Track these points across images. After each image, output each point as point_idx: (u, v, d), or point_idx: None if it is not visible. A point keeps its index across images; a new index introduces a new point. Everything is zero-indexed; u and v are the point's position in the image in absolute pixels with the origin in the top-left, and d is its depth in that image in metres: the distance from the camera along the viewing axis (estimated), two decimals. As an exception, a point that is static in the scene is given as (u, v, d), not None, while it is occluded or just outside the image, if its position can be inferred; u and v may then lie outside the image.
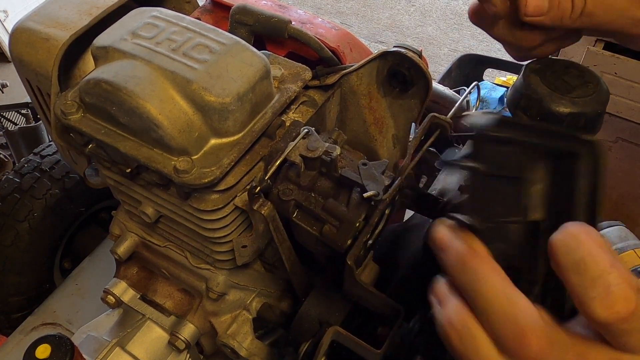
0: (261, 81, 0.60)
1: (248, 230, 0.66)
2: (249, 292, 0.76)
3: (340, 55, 0.77)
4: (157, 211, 0.67)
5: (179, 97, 0.57)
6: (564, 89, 0.61)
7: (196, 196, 0.60)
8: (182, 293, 0.78)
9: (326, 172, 0.59)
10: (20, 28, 0.72)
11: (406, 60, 0.68)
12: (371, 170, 0.57)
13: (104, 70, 0.58)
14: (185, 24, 0.61)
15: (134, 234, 0.76)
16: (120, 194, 0.71)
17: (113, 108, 0.57)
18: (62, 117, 0.61)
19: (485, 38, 3.62)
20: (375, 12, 3.76)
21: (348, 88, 0.74)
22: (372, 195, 0.54)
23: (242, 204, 0.61)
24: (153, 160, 0.57)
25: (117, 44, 0.59)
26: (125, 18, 0.63)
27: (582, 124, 0.63)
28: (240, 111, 0.58)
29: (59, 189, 1.25)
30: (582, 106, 0.61)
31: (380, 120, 0.76)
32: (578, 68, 0.64)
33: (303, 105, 0.69)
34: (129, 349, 0.76)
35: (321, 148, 0.57)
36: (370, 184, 0.55)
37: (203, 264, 0.72)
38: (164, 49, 0.58)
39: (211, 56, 0.58)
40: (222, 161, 0.57)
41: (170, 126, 0.56)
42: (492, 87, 2.04)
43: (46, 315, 1.24)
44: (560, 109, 0.61)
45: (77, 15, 0.71)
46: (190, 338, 0.74)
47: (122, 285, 0.78)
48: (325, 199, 0.58)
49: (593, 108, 0.62)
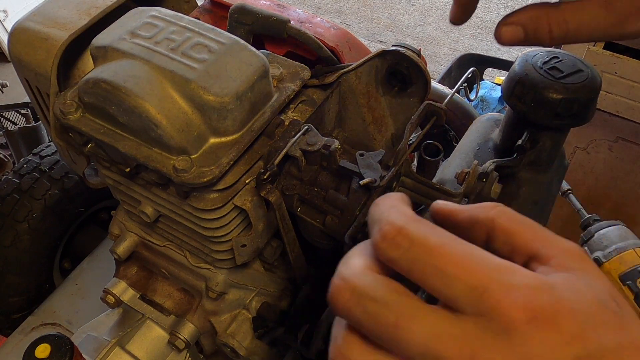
0: (260, 80, 0.60)
1: (247, 230, 0.66)
2: (249, 291, 0.76)
3: (339, 54, 0.77)
4: (156, 211, 0.67)
5: (178, 97, 0.57)
6: (557, 77, 0.62)
7: (195, 195, 0.60)
8: (181, 292, 0.78)
9: (327, 165, 0.60)
10: (19, 28, 0.72)
11: (405, 59, 0.68)
12: (368, 160, 0.58)
13: (103, 70, 0.58)
14: (184, 23, 0.61)
15: (133, 233, 0.76)
16: (120, 193, 0.71)
17: (112, 107, 0.57)
18: (62, 116, 0.61)
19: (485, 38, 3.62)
20: (375, 11, 3.77)
21: (347, 87, 0.74)
22: (369, 182, 0.55)
23: (241, 203, 0.61)
24: (152, 160, 0.57)
25: (116, 43, 0.59)
26: (124, 18, 0.63)
27: (575, 109, 0.64)
28: (239, 110, 0.58)
29: (58, 189, 1.25)
30: (575, 92, 0.63)
31: (379, 119, 0.76)
32: (570, 57, 0.65)
33: (302, 104, 0.69)
34: (129, 348, 0.76)
35: (320, 142, 0.58)
36: (368, 172, 0.57)
37: (202, 264, 0.72)
38: (162, 49, 0.58)
39: (210, 55, 0.58)
40: (221, 160, 0.57)
41: (169, 125, 0.56)
42: (492, 87, 2.04)
43: (46, 315, 1.24)
44: (554, 95, 0.62)
45: (76, 15, 0.71)
46: (190, 337, 0.74)
47: (122, 285, 0.78)
48: (326, 192, 0.59)
49: (585, 94, 0.64)
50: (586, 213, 1.24)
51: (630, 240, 1.15)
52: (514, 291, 0.30)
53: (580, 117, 0.66)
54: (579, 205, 1.28)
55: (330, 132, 0.76)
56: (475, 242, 0.35)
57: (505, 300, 0.30)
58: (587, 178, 1.80)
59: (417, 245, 0.32)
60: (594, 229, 1.20)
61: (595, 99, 0.65)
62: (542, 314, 0.30)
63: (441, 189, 0.58)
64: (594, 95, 0.64)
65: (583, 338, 0.30)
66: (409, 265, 0.33)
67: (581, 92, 0.63)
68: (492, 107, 2.26)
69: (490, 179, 0.60)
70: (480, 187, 0.60)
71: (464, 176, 0.60)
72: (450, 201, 0.41)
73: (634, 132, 1.63)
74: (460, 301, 0.31)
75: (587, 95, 0.64)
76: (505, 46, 0.54)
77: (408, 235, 0.33)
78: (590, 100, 0.65)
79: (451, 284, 0.31)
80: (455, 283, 0.31)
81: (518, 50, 3.61)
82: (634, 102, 1.54)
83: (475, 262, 0.32)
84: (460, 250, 0.32)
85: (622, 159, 1.71)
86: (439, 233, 0.33)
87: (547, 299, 0.30)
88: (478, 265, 0.31)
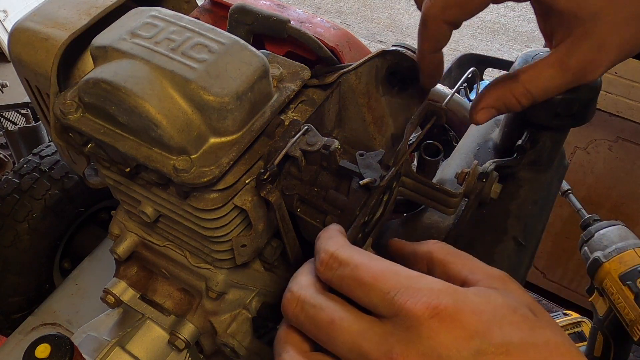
0: (260, 80, 0.60)
1: (247, 230, 0.66)
2: (249, 291, 0.76)
3: (339, 54, 0.77)
4: (156, 211, 0.67)
5: (178, 97, 0.57)
6: None
7: (195, 195, 0.60)
8: (181, 292, 0.78)
9: (327, 165, 0.60)
10: (19, 28, 0.72)
11: (405, 59, 0.68)
12: (368, 160, 0.58)
13: (103, 70, 0.58)
14: (184, 23, 0.61)
15: (133, 233, 0.76)
16: (120, 193, 0.71)
17: (112, 107, 0.57)
18: (61, 116, 0.61)
19: (485, 38, 3.62)
20: (375, 11, 3.77)
21: (347, 87, 0.74)
22: (369, 182, 0.55)
23: (241, 203, 0.61)
24: (152, 160, 0.57)
25: (116, 43, 0.59)
26: (124, 18, 0.63)
27: (575, 109, 0.64)
28: (239, 110, 0.58)
29: (58, 189, 1.25)
30: (575, 92, 0.63)
31: (379, 119, 0.76)
32: None
33: (302, 104, 0.69)
34: (129, 348, 0.76)
35: (320, 142, 0.58)
36: (368, 172, 0.57)
37: (202, 264, 0.72)
38: (162, 49, 0.58)
39: (210, 55, 0.58)
40: (221, 160, 0.57)
41: (169, 125, 0.56)
42: (492, 87, 2.04)
43: (46, 315, 1.24)
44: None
45: (76, 15, 0.71)
46: (190, 337, 0.74)
47: (122, 285, 0.78)
48: (326, 192, 0.59)
49: (585, 94, 0.64)
50: (586, 213, 1.24)
51: (630, 240, 1.15)
52: (418, 292, 0.35)
53: (580, 117, 0.66)
54: (579, 205, 1.28)
55: (330, 132, 0.77)
56: (420, 271, 0.40)
57: (411, 301, 0.35)
58: (587, 178, 1.80)
59: (343, 265, 0.39)
60: (594, 229, 1.20)
61: (595, 99, 0.65)
62: (444, 311, 0.34)
63: (441, 189, 0.58)
64: (594, 95, 0.65)
65: (486, 334, 0.34)
66: (339, 281, 0.39)
67: (581, 92, 0.63)
68: (492, 107, 2.26)
69: (490, 179, 0.60)
70: (480, 187, 0.60)
71: (464, 176, 0.60)
72: (450, 201, 0.44)
73: (634, 132, 1.63)
74: (378, 306, 0.37)
75: (587, 95, 0.64)
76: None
77: (337, 258, 0.39)
78: (590, 100, 0.65)
79: (369, 293, 0.37)
80: (373, 292, 0.37)
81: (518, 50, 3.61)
82: (634, 102, 1.54)
83: (389, 273, 0.37)
84: (377, 265, 0.38)
85: (622, 159, 1.71)
86: (362, 254, 0.40)
87: (448, 299, 0.35)
88: (391, 276, 0.37)
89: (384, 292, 0.36)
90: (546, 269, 2.04)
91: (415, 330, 0.34)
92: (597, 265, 1.14)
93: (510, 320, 0.34)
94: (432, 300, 0.34)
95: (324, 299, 0.39)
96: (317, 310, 0.38)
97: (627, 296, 1.09)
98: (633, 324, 1.08)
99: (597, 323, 1.22)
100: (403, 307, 0.35)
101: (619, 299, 1.10)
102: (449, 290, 0.36)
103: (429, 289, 0.35)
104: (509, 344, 0.33)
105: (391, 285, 0.36)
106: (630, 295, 1.09)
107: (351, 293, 0.38)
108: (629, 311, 1.08)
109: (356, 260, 0.39)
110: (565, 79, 0.54)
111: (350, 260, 0.39)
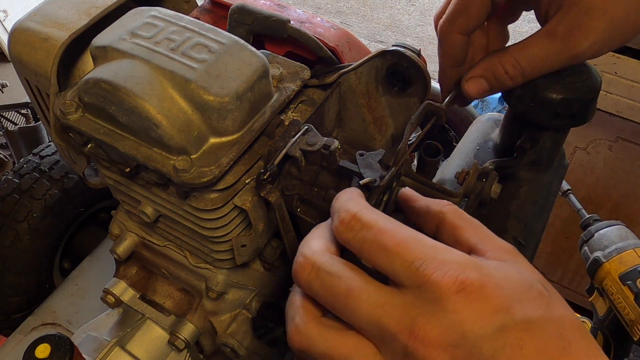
0: (260, 80, 0.60)
1: (247, 230, 0.66)
2: (249, 291, 0.76)
3: (339, 54, 0.77)
4: (156, 211, 0.67)
5: (178, 97, 0.57)
6: (556, 76, 0.61)
7: (195, 195, 0.60)
8: (181, 292, 0.78)
9: (327, 165, 0.60)
10: (19, 28, 0.72)
11: (405, 59, 0.68)
12: (368, 160, 0.58)
13: (102, 70, 0.58)
14: (184, 23, 0.61)
15: (133, 233, 0.76)
16: (120, 193, 0.71)
17: (112, 107, 0.57)
18: (61, 116, 0.61)
19: (485, 38, 3.61)
20: (375, 11, 3.77)
21: (347, 87, 0.74)
22: (369, 182, 0.55)
23: (241, 203, 0.61)
24: (152, 160, 0.57)
25: (116, 43, 0.59)
26: (124, 18, 0.63)
27: (575, 109, 0.64)
28: (239, 110, 0.58)
29: (58, 189, 1.25)
30: (575, 92, 0.62)
31: (379, 119, 0.76)
32: None
33: (302, 104, 0.69)
34: (129, 348, 0.76)
35: (320, 142, 0.58)
36: (368, 172, 0.56)
37: (202, 264, 0.72)
38: (162, 49, 0.58)
39: (210, 56, 0.58)
40: (221, 160, 0.57)
41: (169, 125, 0.56)
42: (492, 87, 2.04)
43: (46, 315, 1.24)
44: (553, 95, 0.62)
45: (76, 15, 0.71)
46: (190, 337, 0.74)
47: (122, 285, 0.78)
48: (326, 192, 0.59)
49: (585, 94, 0.64)
50: (586, 213, 1.24)
51: (630, 240, 1.15)
52: (445, 265, 0.34)
53: (580, 117, 0.66)
54: (579, 205, 1.28)
55: (330, 132, 0.77)
56: (426, 231, 0.40)
57: (437, 273, 0.34)
58: (587, 178, 1.80)
59: (366, 228, 0.37)
60: (594, 229, 1.20)
61: (595, 99, 0.65)
62: (470, 286, 0.33)
63: (441, 189, 0.58)
64: (594, 95, 0.64)
65: (509, 309, 0.33)
66: (360, 244, 0.37)
67: (581, 92, 0.63)
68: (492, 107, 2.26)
69: (490, 178, 0.60)
70: (480, 187, 0.60)
71: (464, 176, 0.60)
72: (451, 201, 0.43)
73: (634, 132, 1.63)
74: (401, 275, 0.35)
75: (587, 95, 0.64)
76: (476, 99, 0.61)
77: (360, 220, 0.38)
78: (590, 100, 0.65)
79: (393, 260, 0.36)
80: (396, 259, 0.35)
81: (518, 50, 3.61)
82: (634, 102, 1.54)
83: (414, 242, 0.36)
84: (402, 233, 0.36)
85: (622, 159, 1.71)
86: (386, 219, 0.38)
87: (475, 274, 0.34)
88: (416, 245, 0.36)
89: (408, 261, 0.35)
90: (546, 269, 2.04)
91: (440, 303, 0.33)
92: (597, 265, 1.14)
93: (528, 297, 0.34)
94: (460, 274, 0.33)
95: (341, 266, 0.37)
96: (334, 279, 0.37)
97: (627, 296, 1.09)
98: (633, 324, 1.08)
99: (597, 323, 1.22)
100: (429, 279, 0.34)
101: (619, 299, 1.10)
102: (474, 264, 0.35)
103: (456, 262, 0.34)
104: (529, 320, 0.33)
105: (416, 254, 0.35)
106: (630, 295, 1.09)
107: (372, 258, 0.37)
108: (629, 311, 1.09)
109: (380, 225, 0.37)
110: (553, 47, 0.54)
111: (374, 223, 0.37)
